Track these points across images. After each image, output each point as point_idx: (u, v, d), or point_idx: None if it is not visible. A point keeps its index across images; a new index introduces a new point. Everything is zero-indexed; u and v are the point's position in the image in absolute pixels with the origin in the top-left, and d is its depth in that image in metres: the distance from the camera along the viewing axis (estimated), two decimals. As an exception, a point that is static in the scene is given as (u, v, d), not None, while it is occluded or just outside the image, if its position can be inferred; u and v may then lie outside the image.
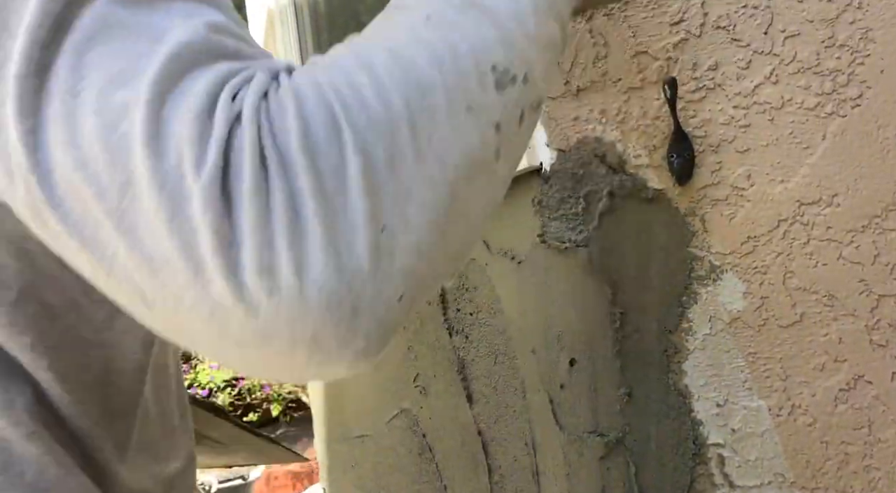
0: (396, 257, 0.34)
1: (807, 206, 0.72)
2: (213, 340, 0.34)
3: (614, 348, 0.82)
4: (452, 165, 0.36)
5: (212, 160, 0.32)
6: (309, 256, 0.32)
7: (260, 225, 0.32)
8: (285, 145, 0.33)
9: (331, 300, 0.33)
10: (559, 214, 0.88)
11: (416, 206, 0.35)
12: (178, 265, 0.32)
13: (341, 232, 0.33)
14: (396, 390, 1.32)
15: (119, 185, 0.32)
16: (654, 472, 0.80)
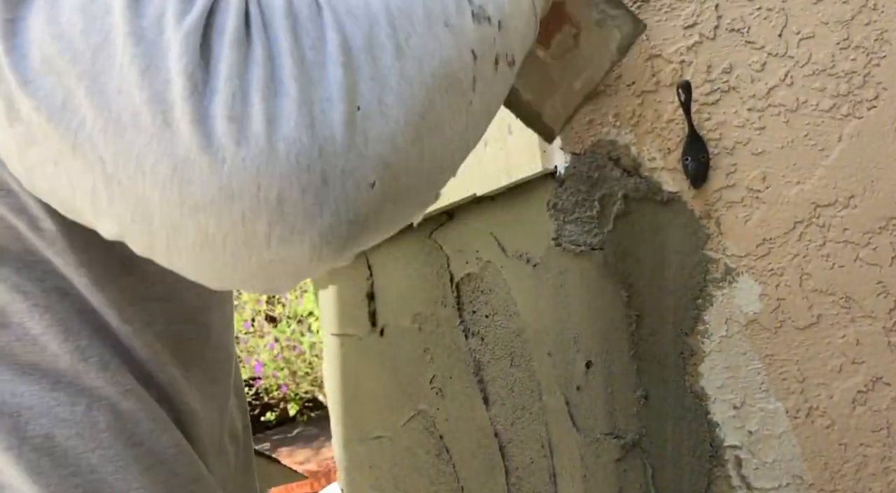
0: (370, 140, 0.34)
1: (823, 208, 0.72)
2: (171, 208, 0.32)
3: (630, 350, 0.82)
4: (430, 70, 0.37)
5: (196, 13, 0.32)
6: (282, 111, 0.32)
7: (236, 74, 0.32)
8: (269, 10, 0.34)
9: (300, 159, 0.32)
10: (574, 217, 0.88)
11: (394, 97, 0.35)
12: (145, 119, 0.32)
13: (317, 99, 0.33)
14: (413, 391, 1.33)
15: (94, 46, 0.33)
16: (670, 474, 0.80)
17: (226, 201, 0.32)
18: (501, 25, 0.42)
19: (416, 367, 1.32)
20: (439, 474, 1.25)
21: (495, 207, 1.04)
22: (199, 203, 0.32)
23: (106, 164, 0.33)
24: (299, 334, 6.10)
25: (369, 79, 0.34)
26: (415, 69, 0.36)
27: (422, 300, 1.28)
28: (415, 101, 0.36)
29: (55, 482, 0.45)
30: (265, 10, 0.34)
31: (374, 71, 0.34)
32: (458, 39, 0.39)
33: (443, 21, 0.38)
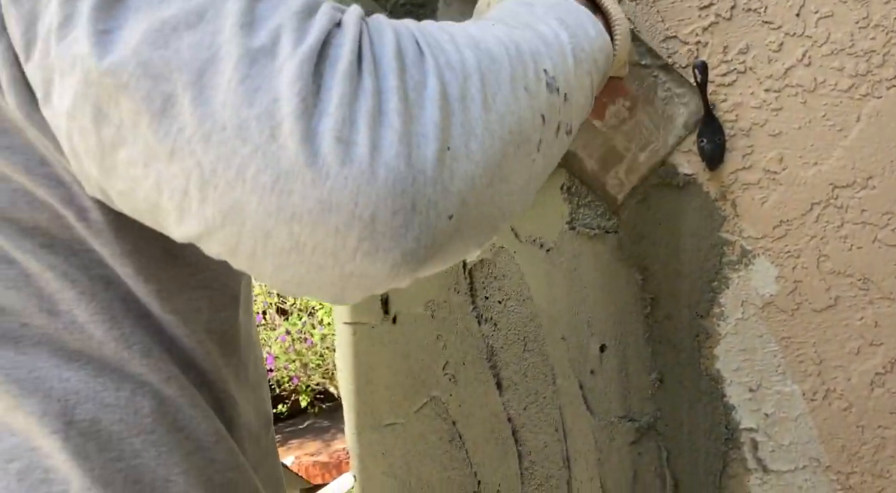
0: (455, 178, 0.38)
1: (841, 189, 0.71)
2: (267, 215, 0.35)
3: (645, 333, 0.82)
4: (508, 126, 0.42)
5: (310, 43, 0.36)
6: (385, 140, 0.35)
7: (346, 103, 0.35)
8: (380, 51, 0.38)
9: (396, 185, 0.35)
10: (588, 200, 0.88)
11: (477, 144, 0.39)
12: (252, 132, 0.34)
13: (415, 134, 0.36)
14: (426, 378, 1.33)
15: (203, 60, 0.35)
16: (686, 457, 0.80)
17: (322, 213, 0.35)
18: (567, 97, 0.48)
19: (429, 353, 1.32)
20: (452, 460, 1.26)
21: (508, 193, 1.04)
22: (297, 213, 0.35)
23: (204, 169, 0.36)
24: (310, 327, 6.13)
25: (460, 125, 0.39)
26: (497, 123, 0.41)
27: (434, 287, 1.28)
28: (494, 150, 0.40)
29: (99, 465, 0.46)
30: (377, 51, 0.38)
31: (464, 118, 0.39)
32: (533, 103, 0.44)
33: (523, 85, 0.44)
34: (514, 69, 0.44)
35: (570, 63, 0.50)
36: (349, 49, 0.36)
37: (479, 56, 0.42)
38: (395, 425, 1.46)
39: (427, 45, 0.40)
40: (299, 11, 0.37)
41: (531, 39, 0.47)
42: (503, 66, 0.43)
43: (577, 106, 0.51)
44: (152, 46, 0.35)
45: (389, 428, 1.48)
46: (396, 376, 1.47)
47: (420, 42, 0.39)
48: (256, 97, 0.35)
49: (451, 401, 1.25)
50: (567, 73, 0.49)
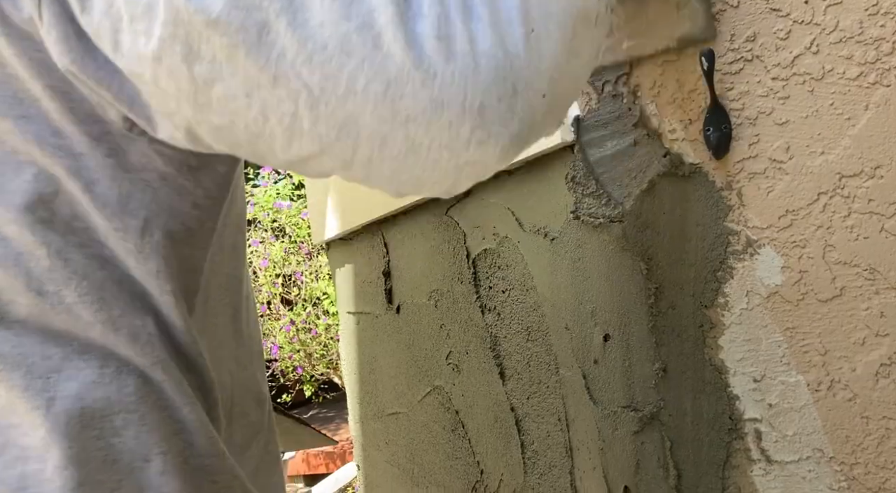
0: (543, 57, 0.40)
1: (848, 178, 0.70)
2: (381, 121, 0.37)
3: (649, 323, 0.82)
4: (576, 5, 0.43)
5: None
6: (479, 32, 0.37)
7: (437, 2, 0.37)
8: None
9: (497, 73, 0.37)
10: (593, 190, 0.88)
11: (555, 23, 0.41)
12: (355, 45, 0.36)
13: (503, 21, 0.38)
14: (429, 367, 1.33)
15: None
16: (689, 447, 0.79)
17: (435, 111, 0.37)
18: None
19: (433, 343, 1.32)
20: (455, 449, 1.26)
21: (512, 182, 1.03)
22: (412, 115, 0.37)
23: (312, 89, 0.37)
24: (314, 317, 6.14)
25: (536, 6, 0.40)
26: (567, 2, 0.42)
27: (438, 277, 1.28)
28: (567, 27, 0.42)
29: (78, 443, 0.46)
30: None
31: (539, 2, 0.40)
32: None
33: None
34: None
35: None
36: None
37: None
38: (398, 414, 1.46)
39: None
40: None
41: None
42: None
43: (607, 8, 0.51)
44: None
45: (393, 417, 1.48)
46: (400, 366, 1.47)
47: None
48: (352, 10, 0.35)
49: (454, 390, 1.25)
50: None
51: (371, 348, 1.62)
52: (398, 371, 1.48)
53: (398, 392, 1.48)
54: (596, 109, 0.86)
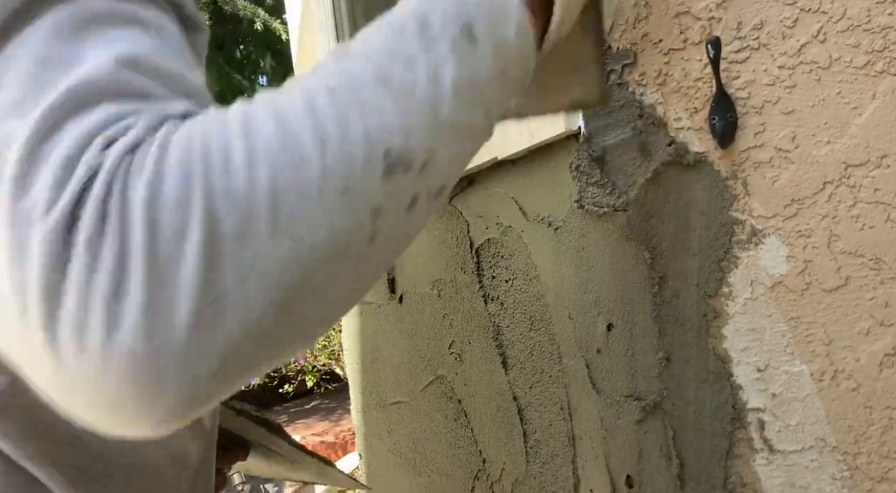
0: (219, 333, 0.33)
1: (854, 167, 0.70)
2: (32, 374, 0.34)
3: (652, 312, 0.81)
4: (311, 245, 0.35)
5: (61, 208, 0.32)
6: (123, 319, 0.32)
7: (84, 280, 0.31)
8: (131, 202, 0.32)
9: (135, 368, 0.32)
10: (597, 179, 0.87)
11: (258, 283, 0.34)
12: (10, 303, 0.32)
13: (164, 300, 0.32)
14: (431, 357, 1.33)
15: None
16: (692, 436, 0.79)
17: (70, 396, 0.33)
18: (426, 165, 0.39)
19: (435, 333, 1.32)
20: (457, 438, 1.26)
21: (516, 171, 1.03)
22: (49, 390, 0.34)
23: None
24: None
25: (232, 270, 0.33)
26: (291, 248, 0.34)
27: (441, 267, 1.28)
28: (284, 280, 0.34)
29: None
30: (126, 200, 0.32)
31: (238, 261, 0.33)
32: (356, 205, 0.36)
33: (341, 189, 0.36)
34: (329, 173, 0.35)
35: (444, 112, 0.40)
36: (95, 206, 0.32)
37: (277, 167, 0.34)
38: (400, 403, 1.46)
39: (204, 169, 0.33)
40: (68, 158, 0.33)
41: (373, 109, 0.38)
42: (312, 173, 0.35)
43: (452, 159, 0.41)
44: None
45: (395, 407, 1.48)
46: (402, 356, 1.47)
47: (195, 168, 0.33)
48: (14, 266, 0.32)
49: (456, 380, 1.25)
50: (435, 128, 0.40)
51: (374, 337, 1.62)
52: (400, 361, 1.48)
53: (400, 382, 1.49)
54: (601, 97, 0.85)
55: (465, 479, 1.24)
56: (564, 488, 0.99)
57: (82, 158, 0.33)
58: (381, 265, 0.40)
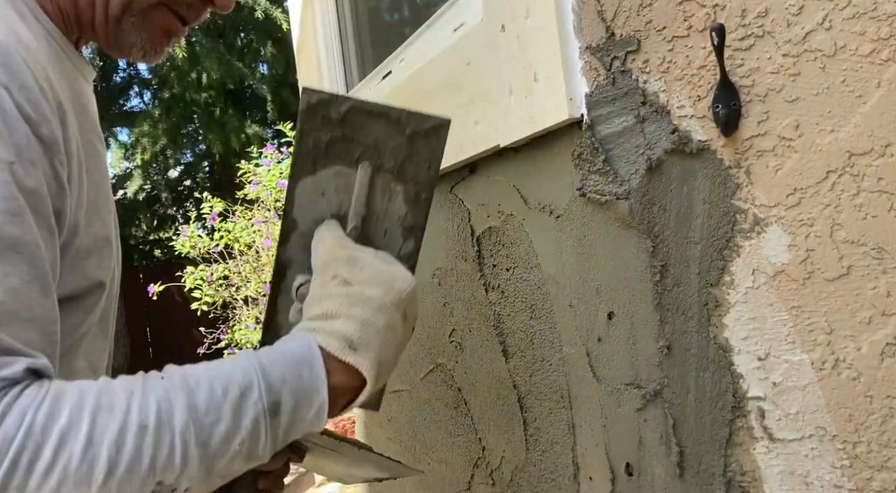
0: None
1: (857, 156, 0.70)
2: None
3: (654, 301, 0.81)
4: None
5: None
6: None
7: None
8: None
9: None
10: (599, 166, 0.87)
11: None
12: None
13: None
14: (432, 345, 1.33)
15: None
16: (691, 424, 0.79)
17: None
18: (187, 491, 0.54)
19: (436, 321, 1.32)
20: (457, 426, 1.26)
21: (518, 159, 1.03)
22: None
23: None
24: (317, 297, 6.13)
25: None
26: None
27: (442, 255, 1.28)
28: None
29: None
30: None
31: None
32: (144, 486, 0.51)
33: (150, 488, 0.51)
34: (109, 488, 0.49)
35: (223, 463, 0.55)
36: None
37: (66, 481, 0.48)
38: (400, 391, 1.46)
39: (10, 464, 0.46)
40: None
41: (164, 449, 0.51)
42: (92, 487, 0.49)
43: (200, 469, 0.54)
44: None
45: (395, 395, 1.49)
46: (403, 344, 1.47)
47: (5, 457, 0.46)
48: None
49: (456, 368, 1.25)
50: (207, 474, 0.54)
51: (374, 326, 1.62)
52: (401, 349, 1.48)
53: (401, 370, 1.49)
54: (604, 84, 0.85)
55: (465, 466, 1.24)
56: (564, 475, 0.99)
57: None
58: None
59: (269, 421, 0.56)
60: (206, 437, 0.53)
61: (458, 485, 1.28)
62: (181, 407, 0.53)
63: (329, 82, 1.73)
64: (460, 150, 1.09)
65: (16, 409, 0.48)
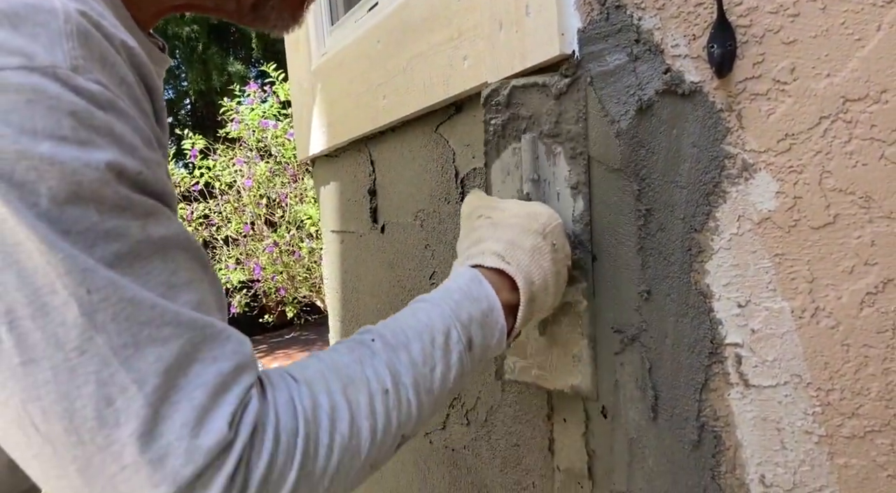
0: None
1: (852, 102, 0.68)
2: None
3: (637, 245, 0.80)
4: (349, 482, 0.55)
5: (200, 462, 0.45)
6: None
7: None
8: (251, 478, 0.47)
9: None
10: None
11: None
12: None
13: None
14: (412, 287, 1.32)
15: (99, 445, 0.43)
16: (668, 369, 0.80)
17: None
18: (417, 425, 0.61)
19: (417, 263, 1.31)
20: (434, 367, 1.27)
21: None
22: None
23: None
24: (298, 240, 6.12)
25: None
26: (343, 478, 0.54)
27: (425, 196, 1.26)
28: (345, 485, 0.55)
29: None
30: (249, 476, 0.47)
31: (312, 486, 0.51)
32: (372, 470, 0.58)
33: (371, 463, 0.57)
34: (371, 453, 0.56)
35: (445, 398, 0.64)
36: (225, 475, 0.45)
37: (344, 455, 0.53)
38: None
39: (302, 457, 0.50)
40: (198, 415, 0.45)
41: (412, 411, 0.59)
42: (361, 457, 0.55)
43: (428, 413, 0.63)
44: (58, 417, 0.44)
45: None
46: (382, 285, 1.46)
47: (292, 455, 0.50)
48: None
49: (436, 310, 1.25)
50: (434, 409, 0.63)
51: (354, 267, 1.61)
52: (380, 290, 1.47)
53: (380, 311, 1.48)
54: (598, 20, 0.82)
55: (441, 407, 1.25)
56: (538, 416, 1.00)
57: (222, 433, 0.46)
58: (379, 464, 0.59)
59: (468, 356, 0.65)
60: (429, 384, 0.61)
61: (433, 424, 1.28)
62: (405, 364, 0.60)
63: (313, 16, 1.68)
64: (447, 87, 1.06)
65: (281, 404, 0.51)
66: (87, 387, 0.43)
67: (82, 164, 0.43)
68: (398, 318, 0.65)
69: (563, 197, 0.85)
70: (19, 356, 0.42)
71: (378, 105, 1.28)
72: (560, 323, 0.88)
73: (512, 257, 0.72)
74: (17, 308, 0.42)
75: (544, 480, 1.00)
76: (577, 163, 0.83)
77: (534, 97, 0.85)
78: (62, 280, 0.42)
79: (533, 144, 0.85)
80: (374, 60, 1.28)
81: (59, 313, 0.42)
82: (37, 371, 0.42)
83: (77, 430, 0.43)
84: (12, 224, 0.41)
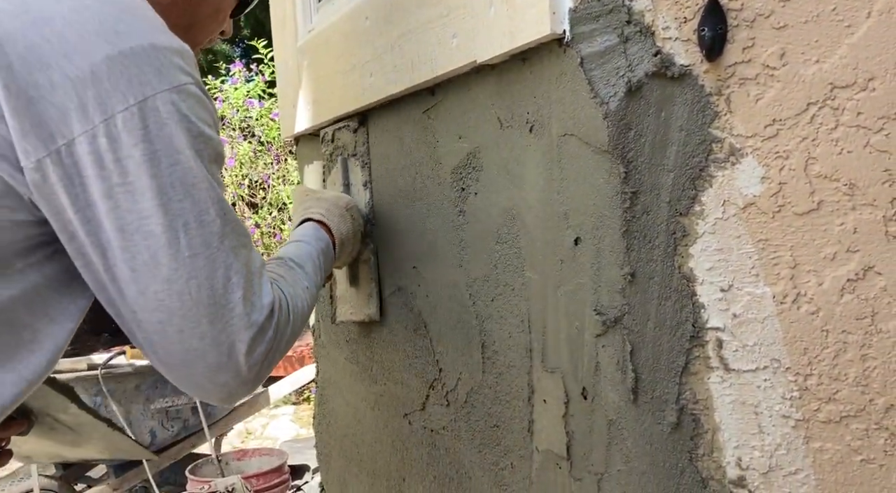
0: (263, 370, 0.82)
1: (840, 89, 0.68)
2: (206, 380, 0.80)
3: (621, 228, 0.80)
4: (300, 326, 0.91)
5: (258, 329, 0.80)
6: (263, 360, 0.81)
7: (263, 351, 0.80)
8: (280, 338, 0.83)
9: (259, 370, 0.82)
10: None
11: (285, 346, 0.85)
12: (211, 356, 0.77)
13: (272, 356, 0.82)
14: (393, 269, 1.32)
15: (223, 304, 0.76)
16: (649, 352, 0.80)
17: (222, 385, 0.81)
18: (313, 305, 1.00)
19: (399, 245, 1.31)
20: (416, 348, 1.26)
21: (494, 77, 0.99)
22: (214, 385, 0.81)
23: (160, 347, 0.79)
24: (280, 222, 6.08)
25: (280, 352, 0.84)
26: (293, 335, 0.88)
27: (411, 178, 1.25)
28: (292, 341, 0.88)
29: None
30: (279, 337, 0.83)
31: (284, 349, 0.85)
32: (308, 318, 0.97)
33: (308, 315, 0.97)
34: (307, 315, 0.96)
35: (315, 293, 1.03)
36: (271, 332, 0.81)
37: (304, 314, 0.93)
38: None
39: (290, 328, 0.86)
40: (253, 309, 0.79)
41: (309, 297, 0.98)
42: (305, 318, 0.93)
43: (316, 296, 1.05)
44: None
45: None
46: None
47: (288, 325, 0.85)
48: (221, 343, 0.77)
49: (418, 291, 1.24)
50: (313, 299, 1.00)
51: (336, 247, 1.59)
52: (363, 271, 1.46)
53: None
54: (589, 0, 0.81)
55: (421, 388, 1.25)
56: (519, 398, 1.00)
57: (272, 309, 0.82)
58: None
59: (325, 267, 1.11)
60: (318, 281, 1.05)
61: (412, 405, 1.28)
62: (309, 274, 1.02)
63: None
64: (435, 66, 1.05)
65: (275, 289, 0.85)
66: (220, 270, 0.74)
67: (217, 140, 0.78)
68: (293, 250, 1.06)
69: (359, 191, 1.35)
70: (188, 251, 0.72)
71: (365, 83, 1.27)
72: (359, 276, 1.36)
73: (328, 218, 1.19)
74: (190, 222, 0.73)
75: (523, 461, 1.00)
76: (365, 170, 1.34)
77: (343, 133, 1.39)
78: (214, 207, 0.74)
79: (343, 162, 1.39)
80: (362, 37, 1.26)
81: (210, 227, 0.74)
82: (197, 260, 0.73)
83: (213, 295, 0.74)
84: (196, 171, 0.73)
